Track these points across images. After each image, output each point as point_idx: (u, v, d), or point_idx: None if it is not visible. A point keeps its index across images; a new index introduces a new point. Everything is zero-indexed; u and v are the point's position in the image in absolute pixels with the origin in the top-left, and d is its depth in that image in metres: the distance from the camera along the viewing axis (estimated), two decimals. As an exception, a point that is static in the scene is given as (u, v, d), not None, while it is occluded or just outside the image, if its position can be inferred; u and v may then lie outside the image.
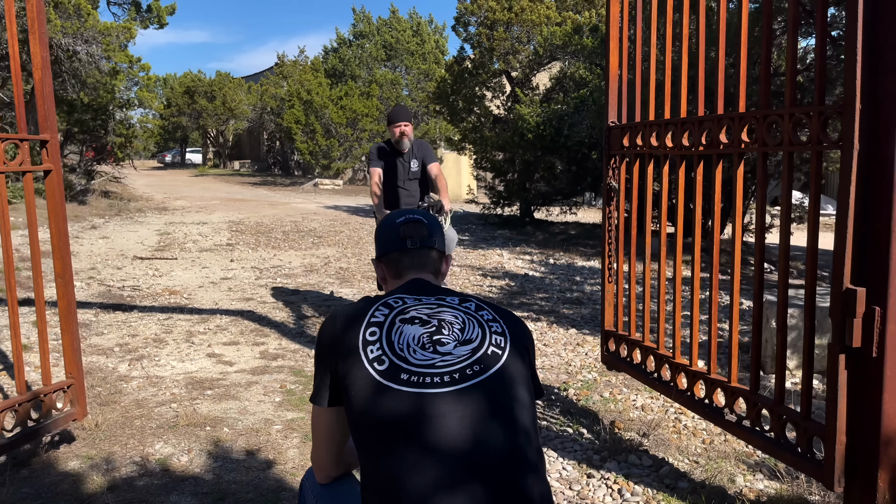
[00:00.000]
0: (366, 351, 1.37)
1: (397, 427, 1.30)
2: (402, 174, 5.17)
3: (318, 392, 1.43)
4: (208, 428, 3.47)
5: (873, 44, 2.11)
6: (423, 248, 1.62)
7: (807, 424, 2.44)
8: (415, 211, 1.72)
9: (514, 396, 1.37)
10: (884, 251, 2.12)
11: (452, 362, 1.37)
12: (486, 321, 1.46)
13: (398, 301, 1.49)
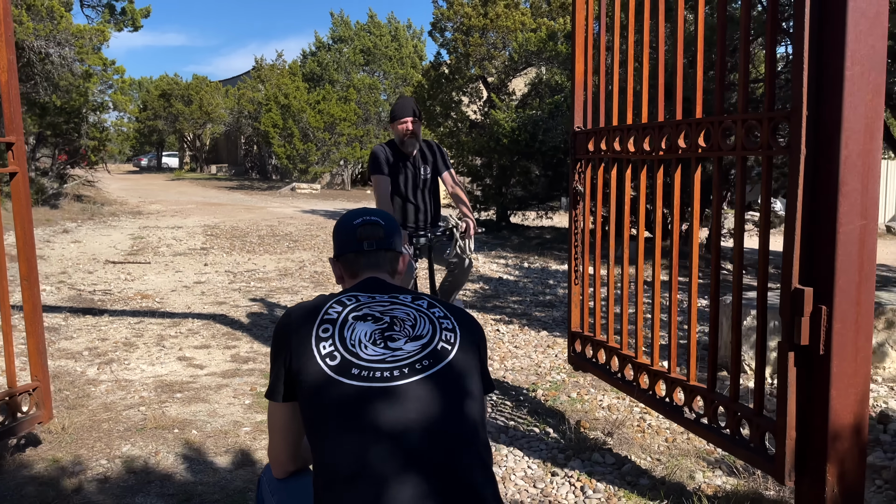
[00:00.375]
0: (318, 347, 1.42)
1: (347, 421, 1.34)
2: (411, 183, 4.24)
3: (273, 388, 1.47)
4: (177, 430, 3.48)
5: (819, 56, 2.20)
6: (379, 249, 1.66)
7: (759, 421, 2.52)
8: (372, 211, 1.74)
9: (463, 390, 1.42)
10: (829, 252, 2.20)
11: (402, 357, 1.42)
12: (437, 318, 1.51)
13: (352, 299, 1.53)
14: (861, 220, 2.19)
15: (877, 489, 2.94)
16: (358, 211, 1.75)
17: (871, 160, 2.18)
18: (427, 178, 4.29)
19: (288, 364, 1.44)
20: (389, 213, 1.88)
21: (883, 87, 2.18)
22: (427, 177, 4.29)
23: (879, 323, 4.36)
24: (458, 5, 12.13)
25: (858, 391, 2.26)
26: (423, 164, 4.27)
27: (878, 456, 3.16)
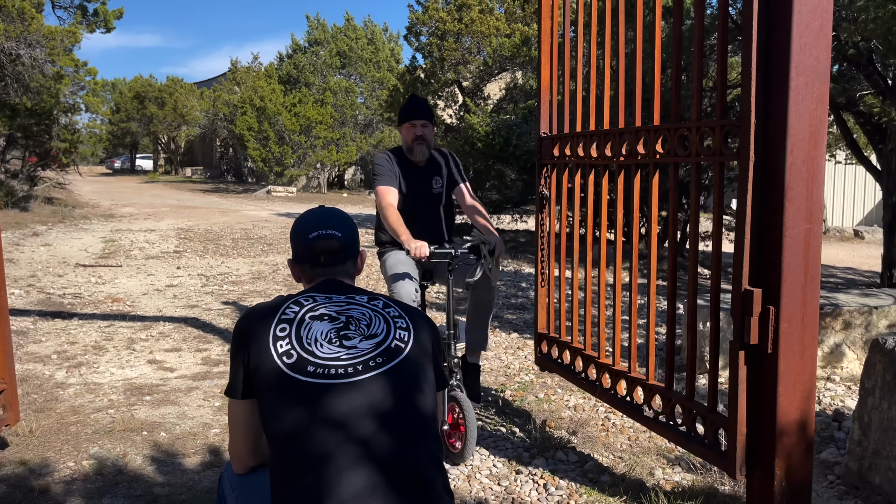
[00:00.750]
0: (276, 345, 1.47)
1: (301, 416, 1.39)
2: (421, 198, 3.55)
3: (232, 385, 1.52)
4: (145, 433, 3.49)
5: (766, 67, 2.29)
6: (335, 264, 1.68)
7: (713, 418, 2.60)
8: (329, 218, 1.71)
9: (415, 386, 1.48)
10: (776, 254, 2.29)
11: (357, 355, 1.47)
12: (391, 317, 1.57)
13: (309, 299, 1.58)
14: (806, 223, 2.29)
15: (829, 484, 3.05)
16: (314, 218, 1.72)
17: (816, 166, 2.28)
18: (440, 192, 3.60)
19: (246, 362, 1.48)
20: (347, 218, 1.79)
21: (827, 97, 2.28)
22: (440, 191, 3.60)
23: (837, 324, 4.50)
24: (433, 10, 12.21)
25: (804, 388, 2.36)
26: (436, 176, 3.59)
27: (831, 452, 3.27)
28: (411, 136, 3.48)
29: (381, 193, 3.45)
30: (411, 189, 3.52)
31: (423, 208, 3.57)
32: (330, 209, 1.77)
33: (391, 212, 3.36)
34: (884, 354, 2.82)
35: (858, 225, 20.11)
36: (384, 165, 3.50)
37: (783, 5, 2.21)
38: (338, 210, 1.78)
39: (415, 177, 3.55)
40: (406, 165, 3.54)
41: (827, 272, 11.09)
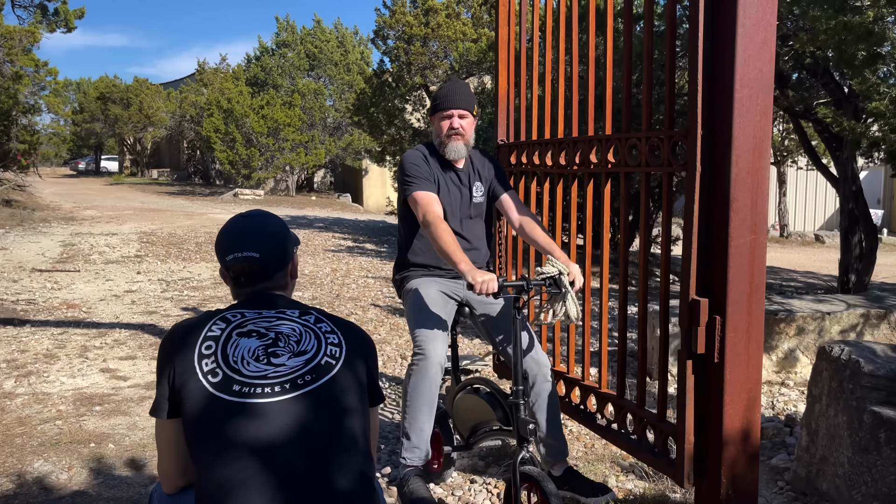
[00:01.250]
0: (200, 364, 1.43)
1: (226, 437, 1.36)
2: (457, 208, 2.88)
3: (157, 405, 1.47)
4: (93, 445, 3.40)
5: (712, 79, 2.31)
6: (257, 284, 1.61)
7: (662, 426, 2.62)
8: (248, 235, 1.60)
9: (344, 404, 1.45)
10: (722, 265, 2.31)
11: (284, 373, 1.44)
12: (323, 333, 1.54)
13: (237, 315, 1.54)
14: (751, 234, 2.31)
15: (779, 490, 3.08)
16: (231, 235, 1.62)
17: (760, 178, 2.31)
18: (480, 201, 2.92)
19: (171, 381, 1.45)
20: (270, 228, 1.64)
21: (770, 109, 2.31)
22: (480, 199, 2.92)
23: (791, 329, 4.57)
24: (400, 14, 12.19)
25: (749, 397, 2.38)
26: (477, 181, 2.92)
27: (781, 458, 3.31)
28: (445, 128, 2.80)
29: (423, 202, 2.68)
30: (447, 197, 2.84)
31: (460, 220, 2.87)
32: (249, 221, 1.64)
33: (443, 229, 2.56)
34: (830, 362, 2.86)
35: (819, 229, 20.54)
36: (419, 165, 2.78)
37: (728, 19, 2.24)
38: (260, 219, 1.65)
39: (453, 181, 2.87)
40: (442, 166, 2.86)
41: (788, 276, 11.30)
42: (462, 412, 2.98)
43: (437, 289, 2.83)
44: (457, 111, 2.81)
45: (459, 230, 2.85)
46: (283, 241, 1.64)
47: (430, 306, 2.73)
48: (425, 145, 2.92)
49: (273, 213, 1.71)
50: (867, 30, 4.37)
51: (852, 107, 6.62)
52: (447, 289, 2.87)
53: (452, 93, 2.83)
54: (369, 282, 8.32)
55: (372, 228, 15.07)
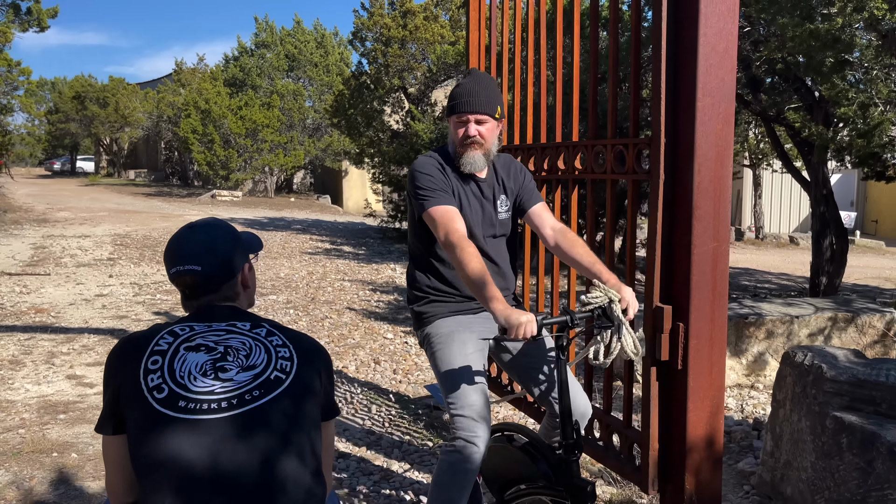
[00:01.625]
0: (146, 380, 1.40)
1: (171, 454, 1.33)
2: (482, 223, 2.40)
3: (102, 421, 1.44)
4: (55, 454, 3.35)
5: (675, 87, 2.32)
6: (204, 295, 1.58)
7: (628, 433, 2.63)
8: (190, 247, 1.55)
9: (294, 419, 1.43)
10: (685, 272, 2.32)
11: (232, 388, 1.41)
12: (274, 346, 1.51)
13: (185, 329, 1.51)
14: (713, 241, 2.33)
15: (744, 494, 3.11)
16: (174, 248, 1.57)
17: (723, 186, 2.32)
18: (505, 217, 2.44)
19: (116, 396, 1.42)
20: (216, 238, 1.58)
21: (732, 118, 2.32)
22: (505, 215, 2.44)
23: (760, 333, 4.61)
24: (378, 16, 12.16)
25: (713, 403, 2.39)
26: (502, 194, 2.44)
27: (748, 462, 3.34)
28: (459, 136, 2.34)
29: (443, 219, 2.21)
30: (468, 212, 2.35)
31: (486, 242, 2.40)
32: (193, 233, 1.58)
33: (470, 253, 2.12)
34: (794, 367, 2.89)
35: (794, 231, 20.79)
36: (433, 175, 2.30)
37: (690, 29, 2.25)
38: (205, 230, 1.59)
39: (474, 193, 2.39)
40: (461, 176, 2.38)
41: (763, 278, 11.42)
42: (493, 465, 2.46)
43: (470, 335, 2.32)
44: (473, 116, 2.30)
45: (484, 251, 2.36)
46: (228, 253, 1.59)
47: (470, 365, 2.25)
48: (439, 151, 2.43)
49: (223, 223, 1.65)
50: (834, 37, 4.43)
51: (823, 112, 6.70)
52: (478, 329, 2.36)
53: (469, 92, 2.31)
54: (346, 285, 8.29)
55: (350, 230, 15.01)
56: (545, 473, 2.27)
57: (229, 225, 1.67)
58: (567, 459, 2.15)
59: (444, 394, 2.28)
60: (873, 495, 2.46)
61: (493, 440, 2.43)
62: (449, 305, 2.37)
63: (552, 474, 2.25)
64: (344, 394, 4.39)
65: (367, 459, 3.40)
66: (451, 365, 2.26)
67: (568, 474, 2.15)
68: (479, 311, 2.37)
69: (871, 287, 10.21)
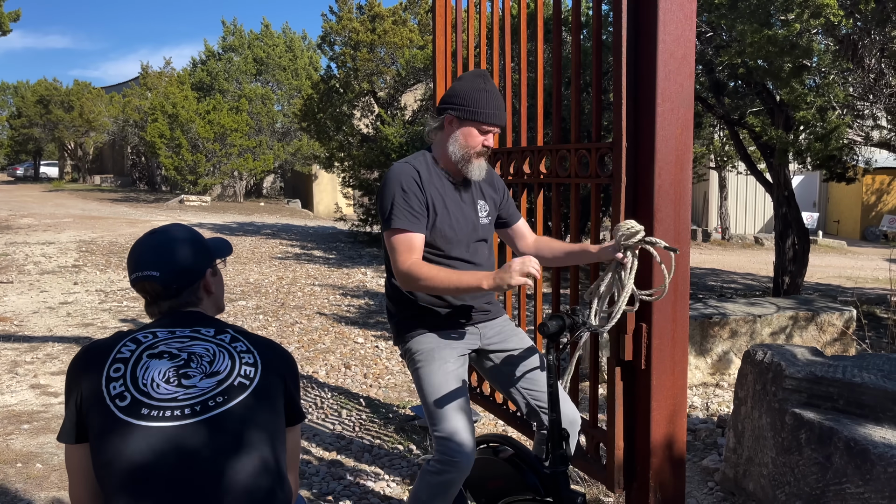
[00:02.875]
0: (108, 388, 1.40)
1: (134, 462, 1.33)
2: (466, 228, 2.32)
3: (64, 430, 1.44)
4: (19, 465, 3.29)
5: (635, 92, 2.37)
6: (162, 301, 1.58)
7: (594, 432, 2.67)
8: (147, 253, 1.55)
9: (257, 425, 1.43)
10: (647, 274, 2.37)
11: (195, 395, 1.41)
12: (238, 352, 1.51)
13: (148, 336, 1.51)
14: (674, 244, 2.38)
15: (709, 490, 3.17)
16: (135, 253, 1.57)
17: (682, 189, 2.38)
18: (486, 222, 2.39)
19: (78, 405, 1.41)
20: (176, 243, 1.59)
21: (691, 122, 2.38)
22: (486, 220, 2.39)
23: (724, 332, 4.70)
24: (347, 20, 12.15)
25: (675, 402, 2.44)
26: (481, 199, 2.39)
27: (712, 459, 3.40)
28: (477, 144, 2.24)
29: (402, 246, 2.15)
30: (451, 219, 2.27)
31: (470, 248, 2.32)
32: (154, 238, 1.59)
33: (427, 268, 2.10)
34: (754, 365, 2.96)
35: (759, 232, 21.19)
36: (409, 192, 2.18)
37: (649, 36, 2.30)
38: (165, 236, 1.60)
39: (457, 200, 2.30)
40: (444, 184, 2.28)
41: (728, 278, 11.62)
42: (479, 478, 2.42)
43: (451, 351, 2.29)
44: (496, 129, 2.26)
45: (468, 257, 2.30)
46: (188, 258, 1.59)
47: (452, 384, 2.23)
48: (418, 157, 2.30)
49: (184, 228, 1.65)
50: (792, 43, 4.54)
51: (783, 115, 6.86)
52: (459, 345, 2.32)
53: (498, 105, 2.24)
54: (316, 290, 8.25)
55: (321, 235, 14.94)
56: (533, 485, 2.24)
57: (191, 230, 1.66)
58: (560, 472, 2.13)
59: (427, 414, 2.26)
60: (832, 489, 2.53)
61: (479, 452, 2.41)
62: (427, 320, 2.30)
63: (540, 486, 2.22)
64: (314, 399, 4.38)
65: (337, 463, 3.40)
66: (433, 384, 2.23)
67: (556, 486, 2.14)
68: (460, 328, 2.34)
69: (832, 286, 10.46)
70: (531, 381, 2.36)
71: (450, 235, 2.24)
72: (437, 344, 2.28)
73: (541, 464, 2.24)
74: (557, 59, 2.78)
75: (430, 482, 2.16)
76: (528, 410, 2.39)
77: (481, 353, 2.42)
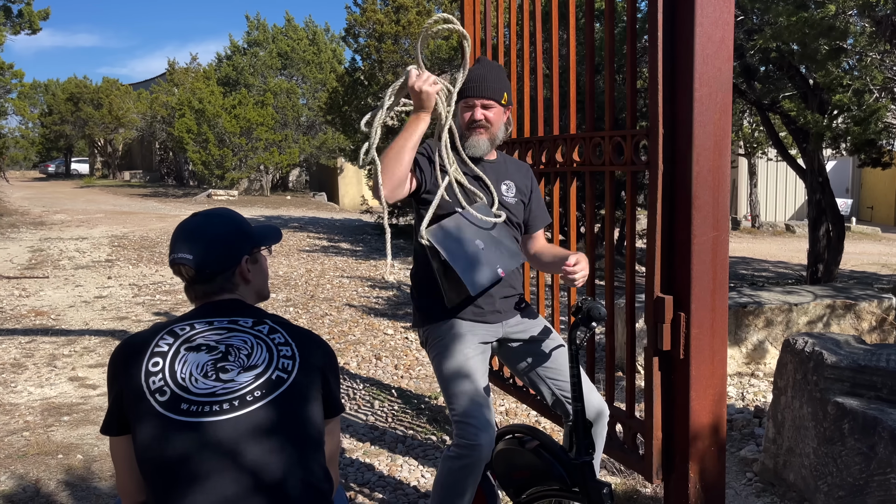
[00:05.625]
0: (148, 382, 1.39)
1: (176, 458, 1.34)
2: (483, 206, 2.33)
3: (107, 423, 1.45)
4: (60, 456, 3.35)
5: (672, 77, 2.33)
6: (196, 285, 1.57)
7: (631, 423, 2.64)
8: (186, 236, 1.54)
9: (296, 418, 1.42)
10: (685, 262, 2.33)
11: (233, 389, 1.40)
12: (276, 345, 1.50)
13: (185, 328, 1.50)
14: (713, 231, 2.34)
15: (747, 482, 3.13)
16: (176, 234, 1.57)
17: (721, 175, 2.33)
18: (512, 201, 2.42)
19: (120, 400, 1.42)
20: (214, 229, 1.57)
21: (730, 107, 2.33)
22: (511, 199, 2.42)
23: (759, 321, 4.63)
24: (371, 11, 12.13)
25: (716, 392, 2.41)
26: (507, 179, 2.44)
27: (750, 449, 3.35)
28: (465, 120, 2.37)
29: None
30: (464, 198, 2.31)
31: (487, 232, 2.30)
32: (194, 221, 1.58)
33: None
34: (794, 354, 2.90)
35: (790, 219, 20.84)
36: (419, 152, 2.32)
37: (686, 18, 2.25)
38: (204, 220, 1.59)
39: (475, 177, 2.37)
40: (464, 162, 2.37)
41: (760, 266, 11.46)
42: (506, 467, 2.47)
43: (472, 337, 2.31)
44: (480, 101, 2.35)
45: (485, 241, 2.27)
46: (225, 245, 1.57)
47: (471, 370, 2.24)
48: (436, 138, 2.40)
49: (229, 213, 1.63)
50: (829, 24, 4.43)
51: (818, 99, 6.71)
52: (480, 332, 2.34)
53: (476, 78, 2.36)
54: (344, 282, 8.29)
55: (347, 227, 15.01)
56: (559, 476, 2.25)
57: (235, 215, 1.63)
58: (586, 463, 2.15)
59: (445, 398, 2.28)
60: (876, 480, 2.48)
61: (505, 443, 2.45)
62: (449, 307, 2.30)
63: (566, 476, 2.23)
64: (346, 390, 4.40)
65: (371, 454, 3.41)
66: (452, 370, 2.26)
67: (582, 476, 2.16)
68: (480, 318, 2.35)
69: (868, 273, 10.25)
70: (555, 371, 2.38)
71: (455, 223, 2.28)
72: (458, 330, 2.31)
73: (566, 454, 2.26)
74: (590, 43, 2.74)
75: (451, 467, 2.18)
76: (553, 401, 2.41)
77: (504, 343, 2.43)
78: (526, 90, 3.18)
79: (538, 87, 3.09)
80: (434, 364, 2.34)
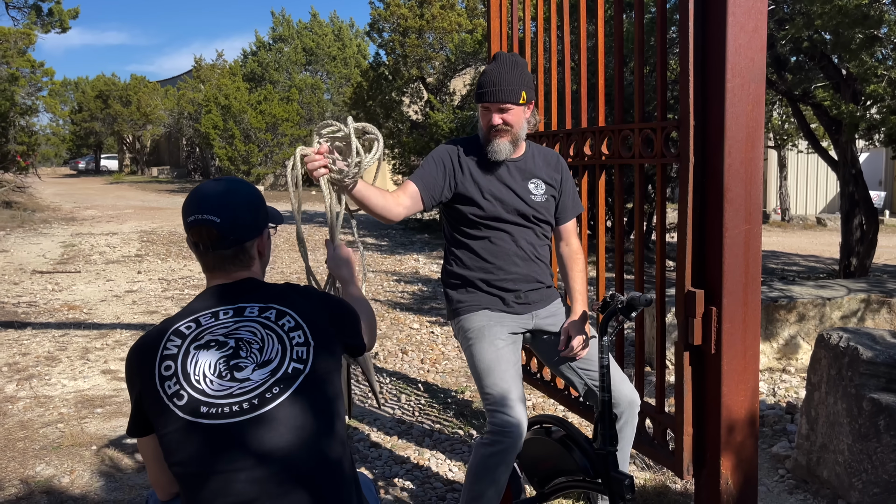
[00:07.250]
0: (164, 387, 1.38)
1: (202, 461, 1.34)
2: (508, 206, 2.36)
3: (132, 425, 1.46)
4: (94, 447, 3.41)
5: (703, 68, 2.29)
6: (216, 251, 1.50)
7: (661, 418, 2.61)
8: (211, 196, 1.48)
9: (316, 410, 1.41)
10: (717, 256, 2.30)
11: (250, 388, 1.39)
12: (286, 332, 1.46)
13: (191, 325, 1.46)
14: (745, 224, 2.30)
15: (780, 478, 3.08)
16: (197, 196, 1.50)
17: (754, 167, 2.29)
18: (540, 199, 2.40)
19: (140, 403, 1.43)
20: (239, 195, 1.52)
21: (763, 98, 2.29)
22: (539, 198, 2.40)
23: (791, 316, 4.56)
24: (395, 6, 12.14)
25: (748, 387, 2.37)
26: (535, 178, 2.41)
27: (782, 446, 3.31)
28: (485, 125, 2.35)
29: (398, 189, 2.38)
30: (492, 191, 2.35)
31: (510, 223, 2.36)
32: (219, 185, 1.52)
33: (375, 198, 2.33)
34: (828, 349, 2.85)
35: (821, 212, 20.47)
36: (434, 164, 2.37)
37: (718, 8, 2.22)
38: (231, 184, 1.54)
39: (499, 174, 2.38)
40: (484, 162, 2.37)
41: (790, 260, 11.28)
42: (531, 457, 2.52)
43: (501, 328, 2.35)
44: (494, 105, 2.31)
45: (514, 237, 2.36)
46: (252, 212, 1.52)
47: (503, 360, 2.29)
48: (469, 138, 2.47)
49: (251, 185, 1.60)
50: (863, 13, 4.33)
51: (850, 90, 6.57)
52: (510, 324, 2.38)
53: (492, 82, 2.30)
54: (370, 276, 8.32)
55: (372, 222, 15.05)
56: (583, 466, 2.30)
57: (254, 187, 1.62)
58: (609, 453, 2.19)
59: (479, 388, 2.32)
60: (913, 477, 2.43)
61: (532, 432, 2.48)
62: (478, 296, 2.39)
63: (590, 467, 2.28)
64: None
65: (398, 448, 3.42)
66: (484, 360, 2.30)
67: (605, 466, 2.19)
68: (510, 308, 2.40)
69: (902, 267, 10.03)
70: (586, 361, 2.40)
71: (483, 204, 2.34)
72: (489, 321, 2.36)
73: (591, 444, 2.30)
74: (619, 34, 2.71)
75: (484, 454, 2.21)
76: (585, 391, 2.44)
77: (536, 335, 2.47)
78: (553, 83, 3.15)
79: (566, 79, 3.06)
80: (466, 354, 2.38)
